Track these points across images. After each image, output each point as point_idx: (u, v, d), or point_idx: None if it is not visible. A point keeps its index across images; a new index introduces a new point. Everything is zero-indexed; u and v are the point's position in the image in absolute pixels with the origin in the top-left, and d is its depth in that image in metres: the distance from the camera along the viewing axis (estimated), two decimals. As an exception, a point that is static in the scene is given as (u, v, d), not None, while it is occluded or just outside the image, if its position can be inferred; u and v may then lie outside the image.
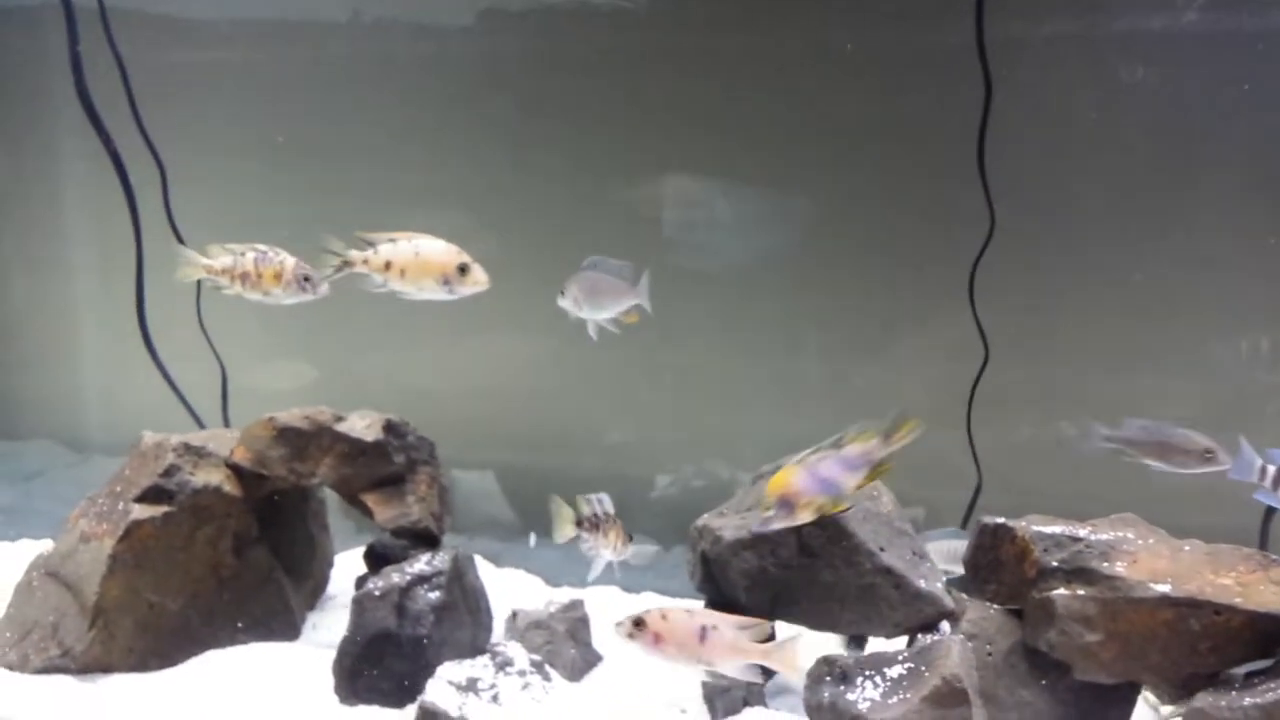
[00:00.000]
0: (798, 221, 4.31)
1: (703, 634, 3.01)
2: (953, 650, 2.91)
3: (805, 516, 3.05)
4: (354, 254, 3.39)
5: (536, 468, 4.76)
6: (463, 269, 3.37)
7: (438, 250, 3.39)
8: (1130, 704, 3.35)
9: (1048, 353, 4.04)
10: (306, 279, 3.47)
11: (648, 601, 4.39)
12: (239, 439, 3.90)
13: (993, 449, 4.08)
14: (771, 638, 3.17)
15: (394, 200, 4.60)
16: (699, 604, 3.64)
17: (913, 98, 4.07)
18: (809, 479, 3.02)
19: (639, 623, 3.04)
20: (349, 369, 4.93)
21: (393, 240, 3.39)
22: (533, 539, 4.76)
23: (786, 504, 2.99)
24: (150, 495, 3.74)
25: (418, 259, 3.37)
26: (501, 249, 4.71)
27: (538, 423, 4.74)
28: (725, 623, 3.04)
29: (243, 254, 3.52)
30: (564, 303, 3.66)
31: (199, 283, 4.67)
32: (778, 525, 3.02)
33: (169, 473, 3.76)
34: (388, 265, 3.37)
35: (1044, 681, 3.28)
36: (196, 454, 3.85)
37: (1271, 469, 3.32)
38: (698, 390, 4.56)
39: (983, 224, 3.93)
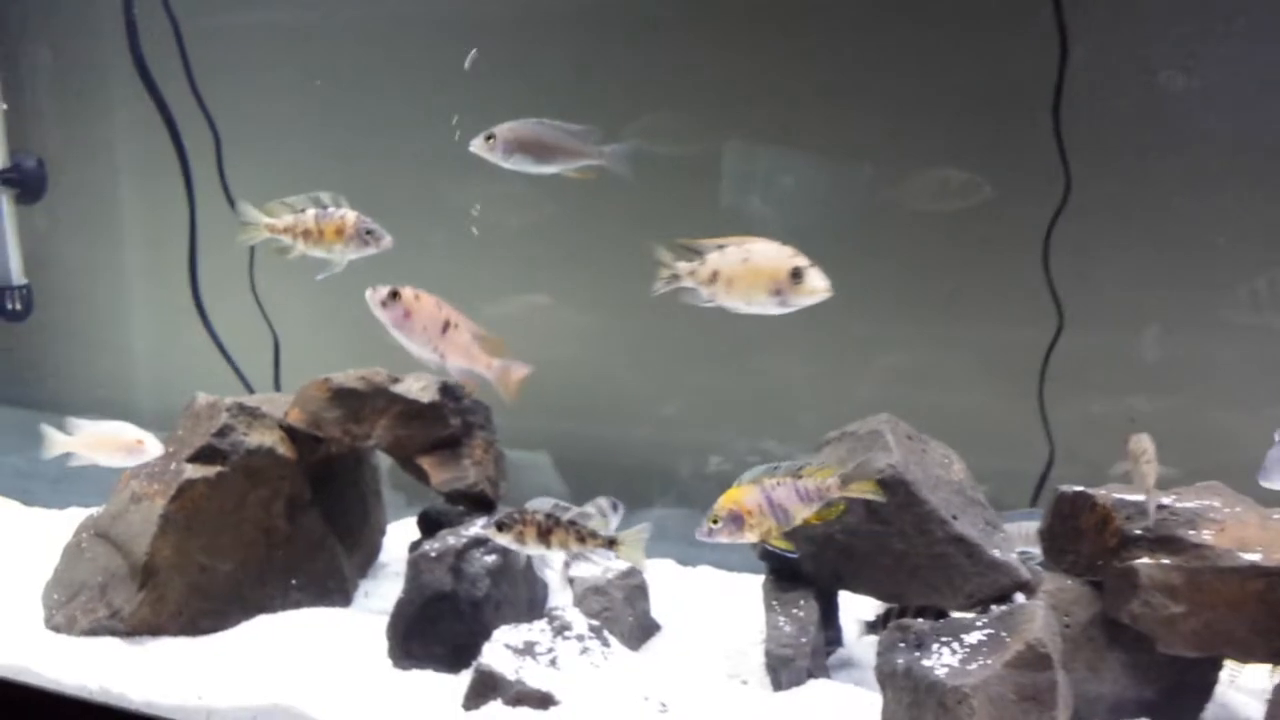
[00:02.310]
0: (860, 187, 4.20)
1: (445, 327, 3.14)
2: (1037, 615, 2.79)
3: (750, 537, 2.97)
4: (681, 266, 2.97)
5: (588, 438, 4.67)
6: (795, 274, 2.81)
7: (768, 255, 2.86)
8: (1212, 681, 3.21)
9: (1124, 321, 3.90)
10: (369, 233, 3.39)
11: (703, 575, 4.29)
12: (293, 400, 3.84)
13: (1064, 421, 3.94)
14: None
15: (448, 166, 4.52)
16: (759, 578, 3.54)
17: (983, 54, 3.94)
18: (762, 501, 2.95)
19: (394, 294, 3.13)
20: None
21: (721, 248, 2.93)
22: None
23: (736, 519, 2.93)
24: (203, 455, 3.69)
25: (746, 266, 2.88)
26: (554, 215, 4.65)
27: (589, 393, 4.65)
28: (467, 325, 3.16)
29: (303, 210, 3.46)
30: (482, 148, 3.36)
31: (251, 251, 4.68)
32: (720, 538, 2.94)
33: (223, 433, 3.71)
34: (714, 276, 2.91)
35: (1123, 655, 3.15)
36: (250, 415, 3.79)
37: None
38: (754, 361, 4.45)
39: (1058, 185, 3.79)
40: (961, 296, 4.11)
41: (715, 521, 2.94)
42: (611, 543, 3.15)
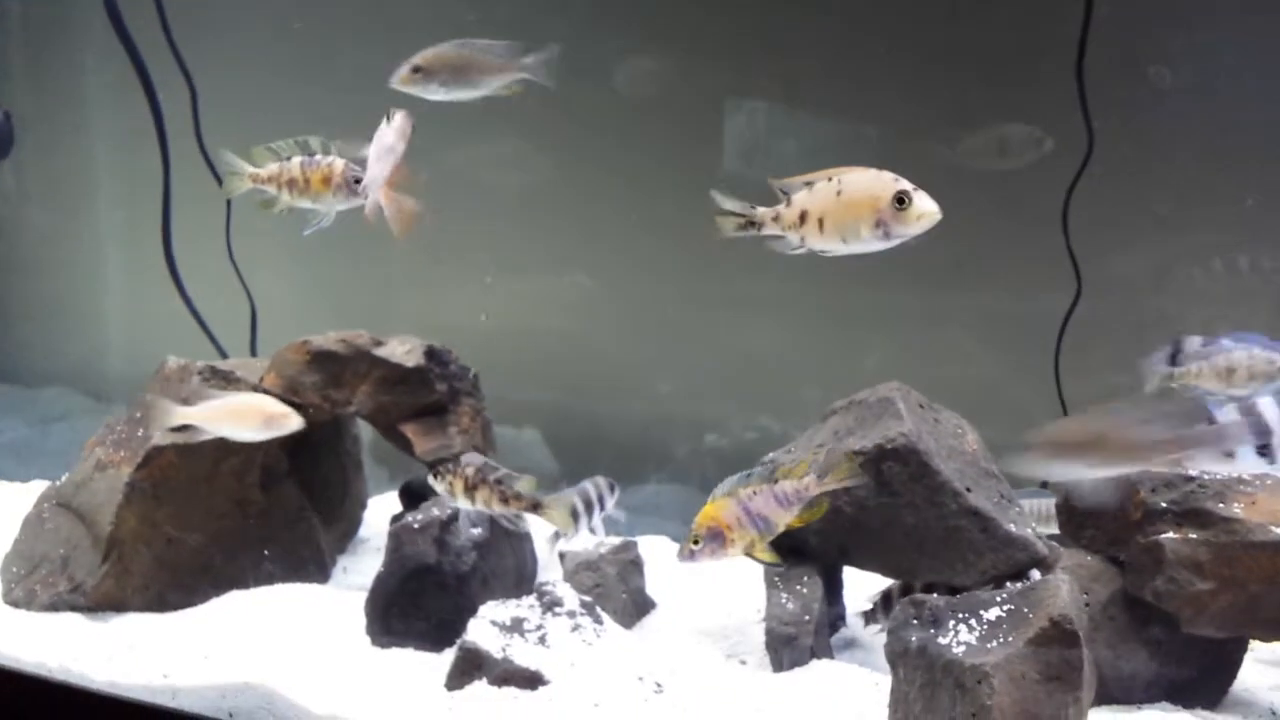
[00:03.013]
0: (868, 151, 4.03)
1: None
2: (1061, 589, 2.61)
3: (733, 552, 2.81)
4: (762, 211, 2.65)
5: (581, 413, 4.49)
6: (900, 200, 2.47)
7: (864, 184, 2.52)
8: (1236, 664, 3.06)
9: (1146, 287, 3.73)
10: (357, 181, 3.20)
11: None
12: (269, 364, 3.65)
13: (1082, 392, 3.77)
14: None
15: (441, 119, 4.33)
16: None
17: (1002, 12, 3.77)
18: (740, 513, 2.81)
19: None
20: (383, 308, 4.68)
21: (809, 185, 2.59)
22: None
23: (716, 536, 2.78)
24: (173, 420, 3.49)
25: (840, 200, 2.53)
26: (556, 176, 4.47)
27: (583, 366, 4.48)
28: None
29: (288, 158, 3.26)
30: (408, 84, 3.20)
31: (228, 214, 4.47)
32: (704, 559, 2.79)
33: (194, 397, 3.51)
34: (803, 218, 2.58)
35: (1146, 635, 2.99)
36: (224, 379, 3.61)
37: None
38: (755, 334, 4.28)
39: (1079, 147, 3.62)
40: (971, 264, 3.93)
41: (696, 542, 2.79)
42: (536, 506, 3.09)
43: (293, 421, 3.26)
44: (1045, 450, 2.67)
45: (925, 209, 2.48)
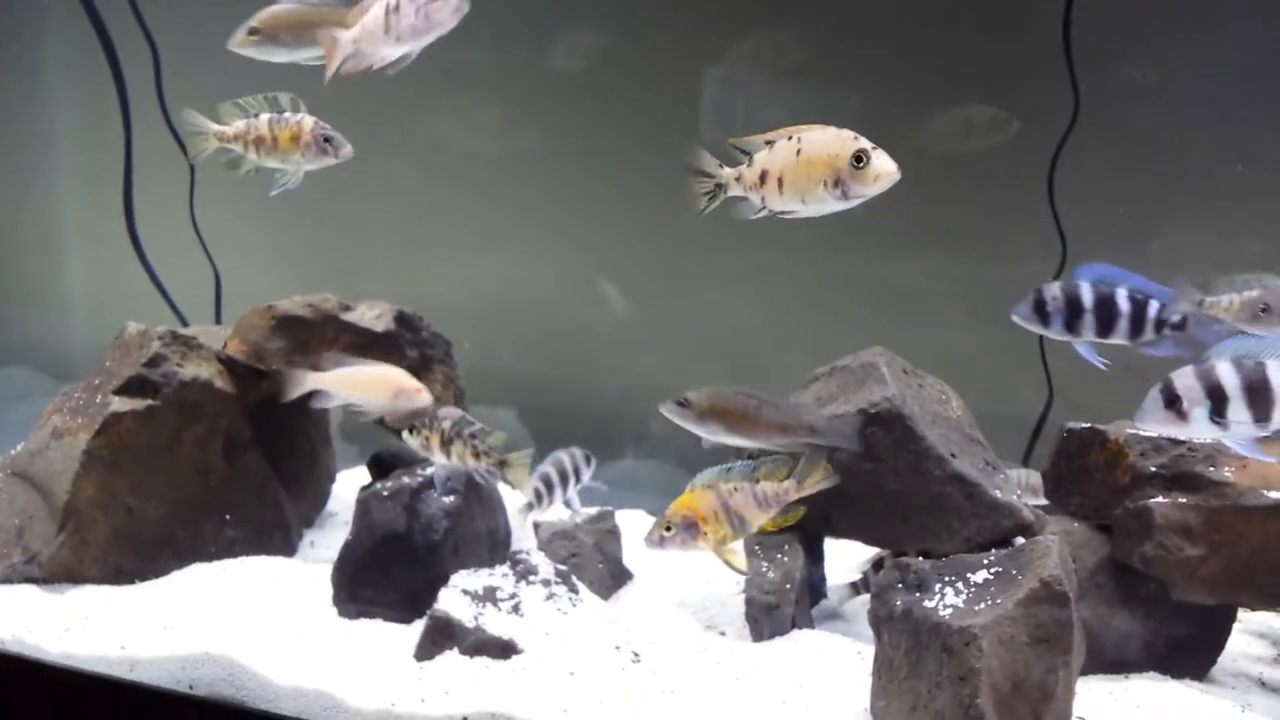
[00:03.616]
0: (849, 115, 3.94)
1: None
2: (1051, 550, 2.54)
3: (704, 546, 2.77)
4: (726, 172, 2.60)
5: (556, 384, 4.39)
6: (858, 159, 2.41)
7: (823, 142, 2.45)
8: (1226, 631, 3.01)
9: (1134, 254, 3.66)
10: (327, 140, 3.09)
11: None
12: (233, 330, 3.53)
13: (1064, 366, 3.71)
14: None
15: (415, 89, 4.22)
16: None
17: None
18: (718, 507, 2.77)
19: None
20: (355, 281, 4.56)
21: (769, 144, 2.53)
22: None
23: (690, 527, 2.74)
24: (132, 387, 3.38)
25: (799, 160, 2.46)
26: (536, 146, 4.36)
27: (559, 340, 4.37)
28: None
29: (256, 115, 3.14)
30: (245, 46, 3.09)
31: (191, 181, 4.34)
32: (672, 547, 2.75)
33: (154, 362, 3.40)
34: (763, 177, 2.53)
35: (1133, 604, 2.93)
36: (185, 345, 3.48)
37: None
38: (736, 306, 4.19)
39: (1065, 110, 3.55)
40: (958, 232, 3.86)
41: (668, 529, 2.74)
42: (502, 464, 3.11)
43: (424, 397, 3.22)
44: (700, 412, 2.88)
45: (883, 168, 2.42)
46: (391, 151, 4.32)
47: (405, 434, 3.10)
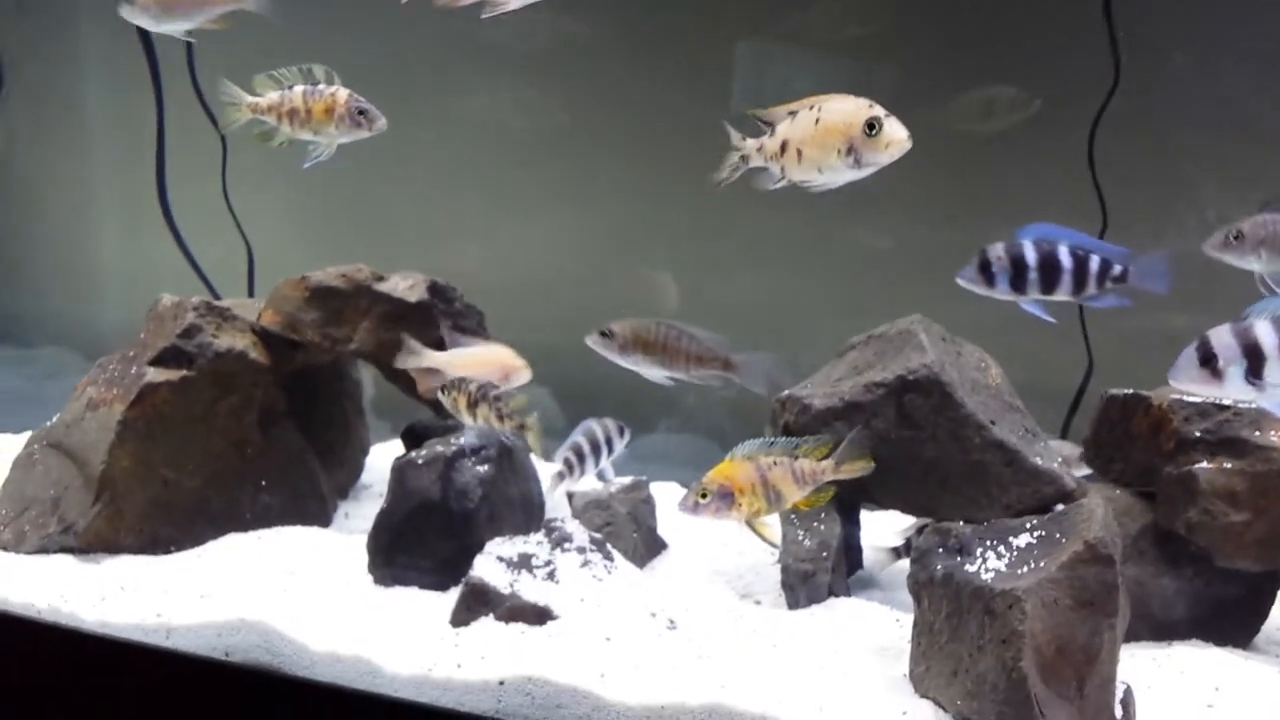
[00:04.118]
0: (885, 84, 3.91)
1: None
2: (1096, 512, 2.49)
3: (736, 517, 2.78)
4: (749, 143, 2.63)
5: (589, 358, 4.37)
6: (870, 126, 2.44)
7: (839, 110, 2.47)
8: (1270, 599, 2.97)
9: (1175, 223, 3.61)
10: (362, 113, 3.09)
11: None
12: (267, 301, 3.54)
13: (1105, 336, 3.66)
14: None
15: (438, 58, 4.21)
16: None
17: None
18: (756, 479, 2.78)
19: None
20: (387, 254, 4.57)
21: (792, 115, 2.55)
22: None
23: (726, 496, 2.75)
24: (167, 357, 3.38)
25: (816, 129, 2.49)
26: (566, 119, 4.34)
27: (589, 309, 4.35)
28: None
29: (290, 87, 3.15)
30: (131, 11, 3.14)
31: (224, 156, 4.35)
32: (706, 514, 2.77)
33: (189, 333, 3.40)
34: (784, 148, 2.56)
35: (1177, 571, 2.90)
36: (220, 316, 3.48)
37: None
38: (771, 274, 4.15)
39: (1106, 77, 3.49)
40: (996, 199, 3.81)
41: (704, 495, 2.75)
42: (522, 426, 3.31)
43: (525, 374, 3.45)
44: (622, 342, 3.07)
45: (895, 136, 2.44)
46: (425, 126, 4.31)
47: (439, 393, 3.22)
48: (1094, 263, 2.84)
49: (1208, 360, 2.34)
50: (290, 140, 3.20)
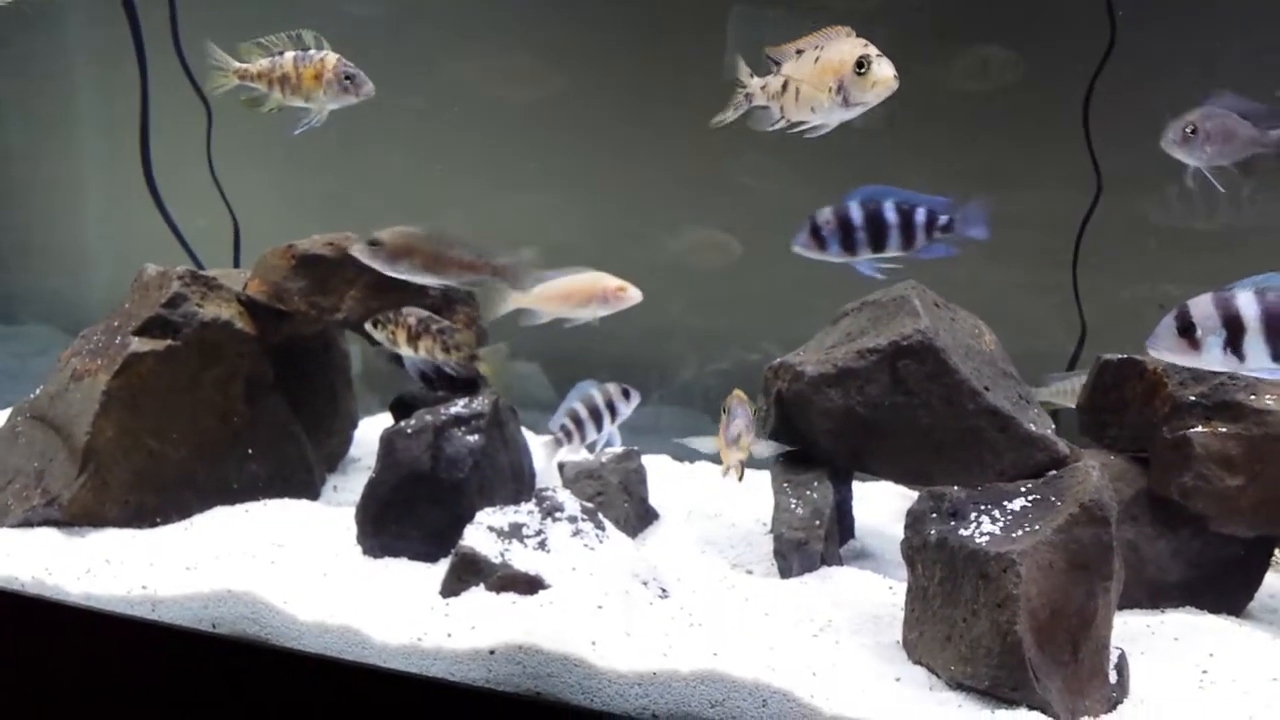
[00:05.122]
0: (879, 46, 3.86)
1: None
2: (1091, 475, 2.48)
3: (736, 456, 2.90)
4: (754, 82, 2.61)
5: (579, 329, 4.35)
6: (860, 65, 2.40)
7: (837, 49, 2.45)
8: (1263, 566, 2.96)
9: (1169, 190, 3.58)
10: (349, 78, 3.05)
11: (702, 470, 3.98)
12: (253, 270, 3.49)
13: (1098, 303, 3.63)
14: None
15: (436, 23, 4.16)
16: (765, 475, 3.23)
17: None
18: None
19: None
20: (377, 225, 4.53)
21: (799, 53, 2.53)
22: None
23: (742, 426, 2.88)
24: (152, 327, 3.34)
25: (814, 69, 2.47)
26: (564, 89, 4.28)
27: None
28: None
29: (281, 53, 3.11)
30: None
31: (209, 129, 4.29)
32: (733, 429, 2.88)
33: (173, 302, 3.36)
34: (784, 88, 2.54)
35: (1170, 537, 2.88)
36: (205, 285, 3.44)
37: None
38: (765, 242, 4.11)
39: (1101, 37, 3.44)
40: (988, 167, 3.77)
41: (726, 409, 2.88)
42: (473, 357, 3.17)
43: (633, 293, 3.19)
44: (391, 250, 3.01)
45: (882, 75, 2.42)
46: (414, 95, 4.25)
47: (368, 326, 3.11)
48: (919, 215, 2.89)
49: (1186, 329, 2.28)
50: (280, 106, 3.17)
